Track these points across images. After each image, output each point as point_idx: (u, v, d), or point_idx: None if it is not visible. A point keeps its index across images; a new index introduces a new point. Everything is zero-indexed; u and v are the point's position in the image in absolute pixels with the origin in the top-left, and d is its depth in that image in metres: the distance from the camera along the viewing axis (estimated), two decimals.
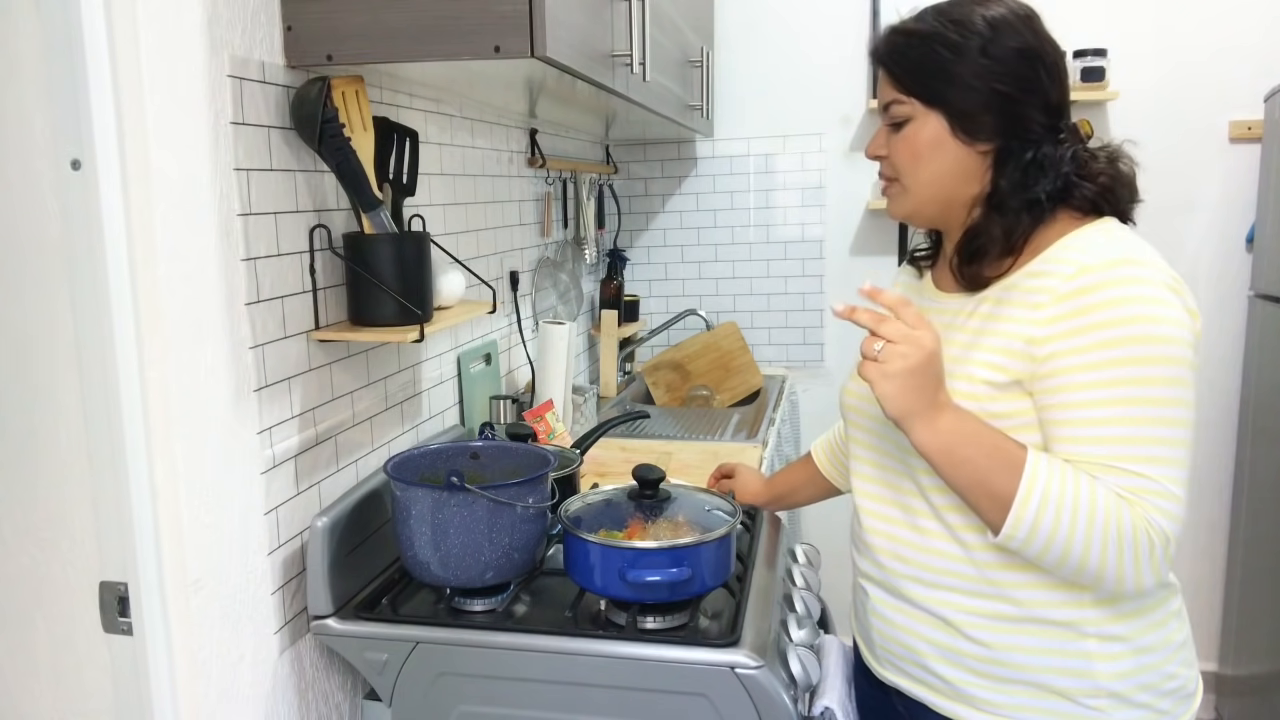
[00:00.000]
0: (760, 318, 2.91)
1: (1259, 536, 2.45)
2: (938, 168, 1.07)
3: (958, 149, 1.06)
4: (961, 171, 1.07)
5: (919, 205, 1.11)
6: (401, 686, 1.23)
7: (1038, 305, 1.00)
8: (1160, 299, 0.96)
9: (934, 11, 1.07)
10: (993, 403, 1.01)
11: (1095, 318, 0.96)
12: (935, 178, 1.08)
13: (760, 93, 2.80)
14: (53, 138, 0.98)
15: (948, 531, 1.07)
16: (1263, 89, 2.49)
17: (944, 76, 1.04)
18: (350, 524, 1.31)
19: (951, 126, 1.05)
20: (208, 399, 1.11)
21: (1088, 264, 0.98)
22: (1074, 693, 1.03)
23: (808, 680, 1.17)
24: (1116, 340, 0.95)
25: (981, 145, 1.05)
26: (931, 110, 1.05)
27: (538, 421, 1.88)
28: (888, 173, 1.12)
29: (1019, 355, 1.00)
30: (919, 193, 1.09)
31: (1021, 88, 1.03)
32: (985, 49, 1.03)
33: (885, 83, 1.09)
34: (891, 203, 1.14)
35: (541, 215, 2.27)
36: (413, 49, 1.17)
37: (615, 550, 1.18)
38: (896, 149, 1.09)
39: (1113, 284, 0.96)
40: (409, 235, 1.34)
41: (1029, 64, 1.04)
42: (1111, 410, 0.95)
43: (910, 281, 1.25)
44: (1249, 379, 2.58)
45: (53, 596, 1.08)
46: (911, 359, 0.95)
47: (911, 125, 1.07)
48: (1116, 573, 0.96)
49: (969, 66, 1.03)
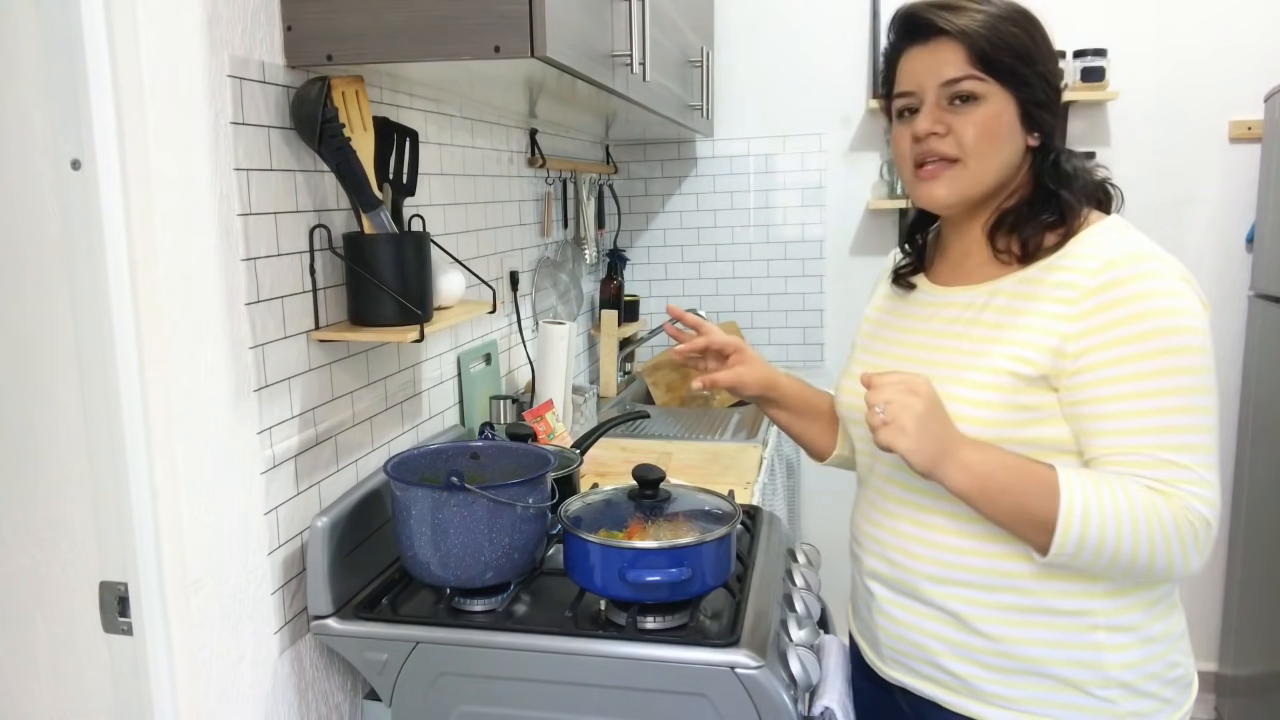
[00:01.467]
0: (760, 318, 2.91)
1: (1259, 536, 2.45)
2: (1006, 153, 1.06)
3: (1020, 137, 1.07)
4: (1017, 160, 1.08)
5: (978, 189, 1.07)
6: (401, 686, 1.23)
7: (1066, 300, 1.01)
8: (1180, 291, 0.99)
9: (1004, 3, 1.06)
10: (1017, 394, 1.02)
11: (1123, 311, 0.98)
12: (1002, 163, 1.07)
13: (760, 93, 2.80)
14: (53, 138, 0.98)
15: (956, 526, 1.08)
16: (1263, 89, 2.49)
17: (1029, 63, 1.04)
18: (350, 524, 1.31)
19: (1022, 113, 1.05)
20: (208, 399, 1.11)
21: (1113, 258, 1.00)
22: (1085, 684, 1.04)
23: (808, 680, 1.17)
24: (1145, 334, 0.97)
25: (1033, 138, 1.07)
26: (1010, 94, 1.04)
27: (538, 421, 1.88)
28: (947, 151, 1.05)
29: (1050, 351, 1.01)
30: (984, 176, 1.06)
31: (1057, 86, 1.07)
32: (1048, 44, 1.06)
33: (954, 57, 1.03)
34: (941, 185, 1.07)
35: (541, 215, 2.27)
36: (413, 49, 1.17)
37: (615, 550, 1.18)
38: (964, 129, 1.04)
39: (1138, 278, 0.98)
40: (409, 235, 1.34)
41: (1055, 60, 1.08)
42: (1145, 403, 0.97)
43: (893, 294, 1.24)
44: (1249, 379, 2.58)
45: (53, 596, 1.08)
46: (917, 405, 0.97)
47: (985, 105, 1.04)
48: (1166, 563, 0.98)
49: (1043, 58, 1.05)
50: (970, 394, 1.04)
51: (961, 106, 1.04)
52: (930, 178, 1.07)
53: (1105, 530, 0.96)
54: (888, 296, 1.25)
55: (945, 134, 1.05)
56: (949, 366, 1.08)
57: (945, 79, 1.04)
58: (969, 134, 1.04)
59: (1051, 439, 1.02)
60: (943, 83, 1.05)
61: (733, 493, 1.38)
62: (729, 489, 1.48)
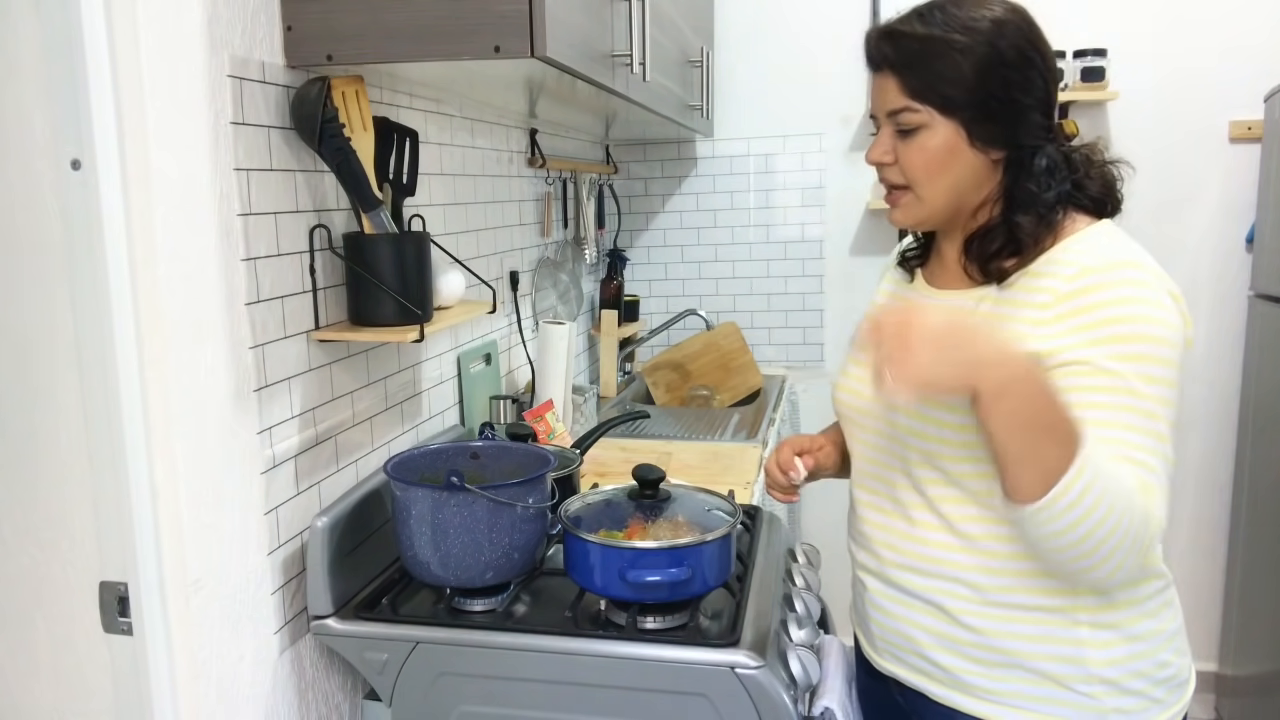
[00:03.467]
0: (760, 318, 2.91)
1: (1259, 536, 2.45)
2: (954, 177, 1.04)
3: (973, 157, 1.03)
4: (975, 179, 1.05)
5: (932, 214, 1.08)
6: (401, 686, 1.23)
7: (1042, 305, 1.01)
8: (1158, 301, 0.97)
9: (936, 12, 1.02)
10: None
11: (1096, 316, 0.97)
12: (952, 186, 1.05)
13: (760, 93, 2.80)
14: (53, 138, 0.98)
15: (942, 522, 1.08)
16: (1263, 89, 2.49)
17: (960, 84, 1.01)
18: (350, 524, 1.31)
19: (969, 135, 1.02)
20: (208, 399, 1.11)
21: (1090, 265, 0.99)
22: (1068, 679, 1.04)
23: (808, 680, 1.17)
24: (1116, 338, 0.96)
25: (995, 152, 1.04)
26: (947, 119, 1.02)
27: (538, 421, 1.88)
28: (895, 180, 1.08)
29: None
30: (933, 202, 1.06)
31: (1026, 91, 1.02)
32: (993, 53, 1.00)
33: (892, 89, 1.04)
34: (900, 211, 1.09)
35: (541, 215, 2.27)
36: (413, 49, 1.17)
37: (615, 550, 1.18)
38: (909, 158, 1.05)
39: (1113, 285, 0.98)
40: (409, 235, 1.34)
41: (1031, 66, 1.02)
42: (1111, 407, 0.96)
43: (901, 279, 1.24)
44: (1249, 379, 2.58)
45: (53, 596, 1.08)
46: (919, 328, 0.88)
47: (925, 133, 1.03)
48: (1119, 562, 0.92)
49: (981, 72, 1.00)
50: (955, 400, 1.04)
51: (906, 136, 1.04)
52: (891, 204, 1.11)
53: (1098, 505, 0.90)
54: (890, 296, 1.25)
55: (893, 163, 1.06)
56: None
57: (888, 110, 1.05)
58: (912, 163, 1.05)
59: None
60: (886, 113, 1.06)
61: (733, 493, 1.38)
62: (729, 489, 1.48)
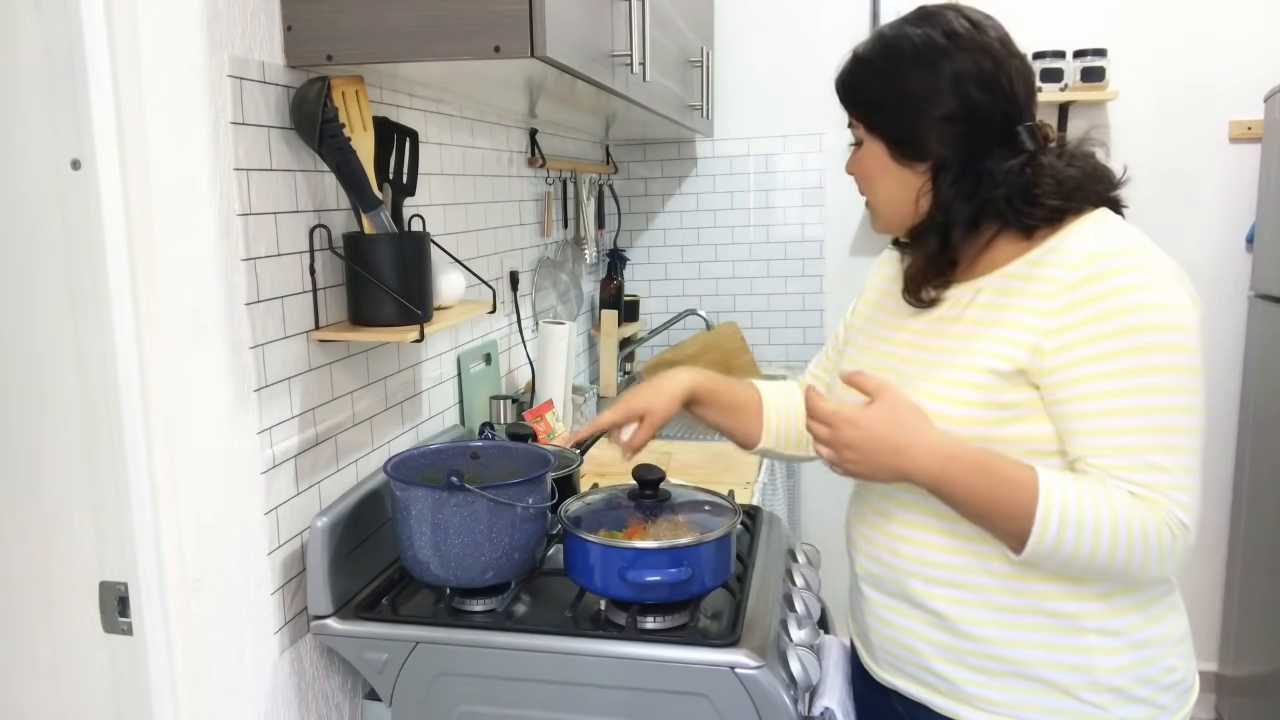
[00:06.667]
0: (760, 318, 2.91)
1: (1259, 536, 2.45)
2: (886, 189, 1.11)
3: (900, 171, 1.08)
4: (909, 191, 1.09)
5: (889, 222, 1.15)
6: (401, 686, 1.23)
7: (1045, 295, 1.00)
8: (1166, 286, 0.96)
9: (877, 36, 1.09)
10: (998, 392, 1.01)
11: (1104, 306, 0.96)
12: (889, 197, 1.11)
13: (760, 93, 2.80)
14: (53, 138, 0.98)
15: (944, 526, 1.07)
16: (1263, 89, 2.49)
17: (875, 105, 1.08)
18: (350, 524, 1.31)
19: (890, 151, 1.08)
20: (208, 399, 1.11)
21: (1095, 252, 0.98)
22: (1074, 688, 1.03)
23: (808, 680, 1.17)
24: (1127, 329, 0.95)
25: (921, 166, 1.07)
26: (872, 135, 1.09)
27: (538, 421, 1.88)
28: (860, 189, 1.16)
29: (1026, 346, 1.00)
30: (882, 210, 1.14)
31: (962, 107, 1.02)
32: (917, 75, 1.03)
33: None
34: (870, 219, 1.18)
35: (541, 215, 2.27)
36: (413, 49, 1.17)
37: (615, 550, 1.18)
38: (854, 171, 1.15)
39: (1120, 272, 0.96)
40: (409, 235, 1.34)
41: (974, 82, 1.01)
42: (1123, 401, 0.95)
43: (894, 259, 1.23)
44: (1249, 379, 2.58)
45: (53, 596, 1.08)
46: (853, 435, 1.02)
47: (863, 149, 1.12)
48: (1141, 568, 0.97)
49: (896, 96, 1.06)
50: (948, 392, 1.04)
51: (856, 149, 1.13)
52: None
53: (1083, 539, 0.95)
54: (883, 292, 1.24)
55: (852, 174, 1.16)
56: (930, 365, 1.08)
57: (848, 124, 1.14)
58: (857, 176, 1.15)
59: (1034, 437, 1.01)
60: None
61: (733, 493, 1.38)
62: (729, 489, 1.48)
